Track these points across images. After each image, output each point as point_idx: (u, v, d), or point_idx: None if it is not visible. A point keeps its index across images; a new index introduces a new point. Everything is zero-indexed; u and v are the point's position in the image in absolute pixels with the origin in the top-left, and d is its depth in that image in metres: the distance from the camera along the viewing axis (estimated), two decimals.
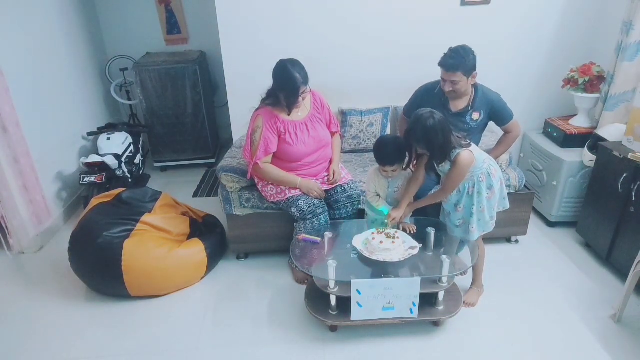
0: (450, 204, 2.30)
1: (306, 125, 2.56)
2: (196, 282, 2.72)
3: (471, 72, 2.36)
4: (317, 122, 2.61)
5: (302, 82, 2.38)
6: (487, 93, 2.51)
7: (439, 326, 2.32)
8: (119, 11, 4.33)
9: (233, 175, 2.72)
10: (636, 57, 2.78)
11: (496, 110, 2.51)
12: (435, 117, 2.04)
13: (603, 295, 2.54)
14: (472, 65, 2.34)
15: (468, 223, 2.26)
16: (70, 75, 3.75)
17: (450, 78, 2.34)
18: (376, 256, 2.18)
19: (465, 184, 2.20)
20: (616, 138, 2.75)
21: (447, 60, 2.33)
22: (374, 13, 3.15)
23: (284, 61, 2.41)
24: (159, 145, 4.27)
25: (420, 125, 2.04)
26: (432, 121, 2.02)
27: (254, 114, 2.54)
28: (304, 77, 2.38)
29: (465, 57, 2.31)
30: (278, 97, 2.45)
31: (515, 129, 2.55)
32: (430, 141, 2.05)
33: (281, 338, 2.30)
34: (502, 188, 2.28)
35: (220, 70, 3.79)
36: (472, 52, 2.35)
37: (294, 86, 2.36)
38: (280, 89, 2.42)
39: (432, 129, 2.02)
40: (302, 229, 2.55)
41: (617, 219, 2.58)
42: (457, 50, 2.33)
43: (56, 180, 3.44)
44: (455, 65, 2.31)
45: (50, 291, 2.69)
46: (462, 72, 2.32)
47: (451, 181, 2.17)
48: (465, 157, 2.09)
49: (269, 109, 2.50)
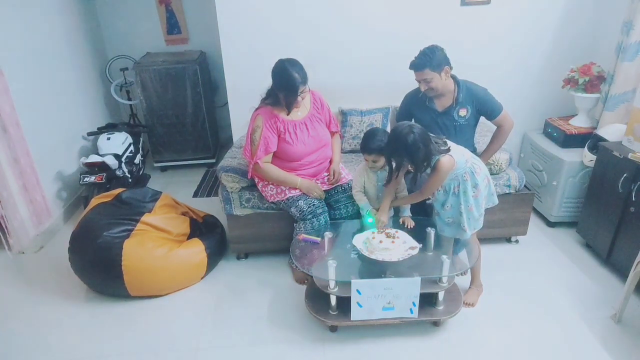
0: (438, 203, 2.32)
1: (306, 124, 2.56)
2: (196, 282, 2.72)
3: (441, 67, 2.38)
4: (317, 121, 2.62)
5: (301, 82, 2.38)
6: (472, 88, 2.53)
7: (439, 326, 2.32)
8: (119, 11, 4.33)
9: (233, 175, 2.72)
10: (636, 57, 2.78)
11: (482, 104, 2.53)
12: (414, 131, 2.05)
13: (603, 295, 2.54)
14: (439, 61, 2.37)
15: (459, 222, 2.28)
16: (71, 75, 3.75)
17: (421, 77, 2.40)
18: (375, 255, 2.18)
19: (450, 183, 2.22)
20: (616, 138, 2.74)
21: (414, 61, 2.41)
22: (374, 13, 3.15)
23: (283, 61, 2.41)
24: (159, 145, 4.27)
25: (401, 143, 2.06)
26: (412, 136, 2.04)
27: (254, 114, 2.54)
28: (303, 76, 2.39)
29: (429, 54, 2.36)
30: (277, 96, 2.45)
31: (506, 121, 2.56)
32: (413, 156, 2.07)
33: (281, 338, 2.30)
34: (488, 185, 2.29)
35: (220, 70, 3.79)
36: (440, 48, 2.40)
37: (293, 86, 2.36)
38: (280, 88, 2.42)
39: (413, 144, 2.04)
40: (302, 229, 2.55)
41: (617, 219, 2.58)
42: (423, 50, 2.41)
43: (56, 180, 3.44)
44: (421, 63, 2.37)
45: (50, 291, 2.69)
46: (429, 68, 2.36)
47: (430, 185, 2.22)
48: (445, 162, 2.11)
49: (268, 108, 2.50)
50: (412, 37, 3.19)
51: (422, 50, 2.41)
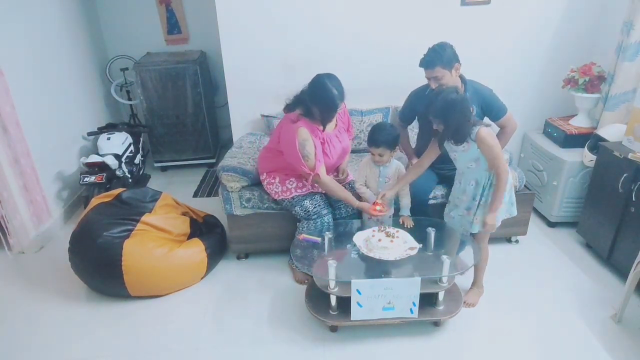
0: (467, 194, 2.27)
1: (337, 136, 2.54)
2: (196, 282, 2.72)
3: (452, 64, 2.37)
4: (343, 130, 2.61)
5: (340, 99, 2.32)
6: (478, 88, 2.53)
7: (439, 326, 2.32)
8: (119, 11, 4.33)
9: (233, 174, 2.72)
10: (636, 57, 2.78)
11: (488, 105, 2.53)
12: (458, 92, 2.07)
13: (603, 295, 2.54)
14: (450, 58, 2.36)
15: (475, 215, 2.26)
16: (71, 75, 3.75)
17: (432, 75, 2.38)
18: (374, 254, 2.18)
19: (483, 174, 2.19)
20: (616, 138, 2.75)
21: (424, 59, 2.39)
22: (374, 13, 3.14)
23: (322, 76, 2.32)
24: (159, 145, 4.27)
25: (441, 98, 2.06)
26: (454, 95, 2.05)
27: (294, 126, 2.37)
28: (341, 93, 2.32)
29: (440, 51, 2.35)
30: (310, 110, 2.37)
31: (509, 123, 2.56)
32: (447, 114, 2.05)
33: (281, 338, 2.30)
34: (510, 193, 2.27)
35: (220, 70, 3.79)
36: (449, 45, 2.38)
37: (333, 103, 2.30)
38: (317, 103, 2.33)
39: (451, 102, 2.03)
40: (305, 229, 2.55)
41: (618, 219, 2.58)
42: (432, 47, 2.39)
43: (56, 180, 3.44)
44: (432, 61, 2.35)
45: (50, 291, 2.69)
46: (440, 66, 2.35)
47: (493, 158, 2.10)
48: (486, 131, 2.09)
49: (307, 120, 2.40)
50: (412, 37, 3.20)
51: (432, 48, 2.38)
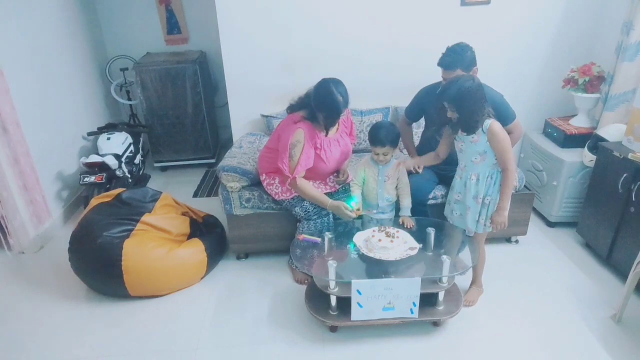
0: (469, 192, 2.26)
1: (337, 140, 2.54)
2: (196, 282, 2.72)
3: (470, 67, 2.37)
4: (345, 134, 2.61)
5: (345, 105, 2.33)
6: (490, 92, 2.51)
7: (439, 326, 2.32)
8: (119, 11, 4.33)
9: (233, 174, 2.72)
10: (636, 57, 2.78)
11: (498, 109, 2.50)
12: (475, 81, 2.06)
13: (603, 295, 2.54)
14: (470, 61, 2.35)
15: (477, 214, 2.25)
16: (71, 75, 3.75)
17: (451, 76, 2.35)
18: (374, 254, 2.18)
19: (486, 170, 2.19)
20: (616, 138, 2.75)
21: (445, 59, 2.36)
22: (374, 13, 3.15)
23: (328, 81, 2.32)
24: (159, 145, 4.27)
25: (457, 84, 2.05)
26: (470, 83, 2.04)
27: (294, 126, 2.39)
28: (345, 99, 2.32)
29: (461, 53, 2.33)
30: (315, 114, 2.38)
31: (517, 129, 2.55)
32: (461, 102, 2.04)
33: (281, 338, 2.30)
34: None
35: (220, 70, 3.79)
36: (470, 48, 2.37)
37: (337, 109, 2.31)
38: (321, 109, 2.34)
39: (466, 90, 2.02)
40: (305, 229, 2.55)
41: (618, 219, 2.58)
42: (453, 48, 2.36)
43: (56, 180, 3.43)
44: (454, 62, 2.33)
45: (50, 291, 2.69)
46: (461, 68, 2.33)
47: (503, 151, 2.09)
48: (499, 124, 2.10)
49: (309, 123, 2.41)
50: (412, 37, 3.21)
51: (452, 48, 2.36)
